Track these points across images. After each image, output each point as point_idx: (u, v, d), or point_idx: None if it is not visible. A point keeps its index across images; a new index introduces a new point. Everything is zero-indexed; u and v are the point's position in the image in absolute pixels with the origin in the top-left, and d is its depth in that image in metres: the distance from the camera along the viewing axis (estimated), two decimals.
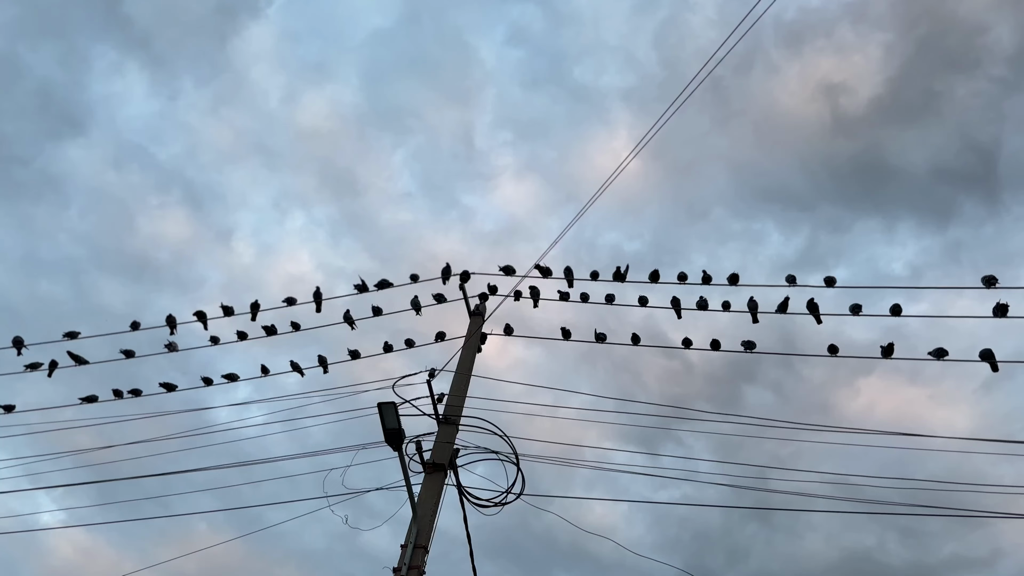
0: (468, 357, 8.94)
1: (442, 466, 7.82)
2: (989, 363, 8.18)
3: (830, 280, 8.93)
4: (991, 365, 8.18)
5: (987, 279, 8.29)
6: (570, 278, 9.72)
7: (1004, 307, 8.12)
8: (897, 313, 8.66)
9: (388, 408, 7.31)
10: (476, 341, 9.20)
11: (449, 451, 7.95)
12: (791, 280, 9.03)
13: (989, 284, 8.27)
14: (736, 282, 9.21)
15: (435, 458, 7.88)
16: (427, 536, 7.30)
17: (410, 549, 7.16)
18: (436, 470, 7.79)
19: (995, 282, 8.25)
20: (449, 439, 8.05)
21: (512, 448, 7.97)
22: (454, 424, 8.19)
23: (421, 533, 7.29)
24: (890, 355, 8.63)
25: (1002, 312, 8.13)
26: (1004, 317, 8.15)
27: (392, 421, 7.26)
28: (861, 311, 8.77)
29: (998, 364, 8.16)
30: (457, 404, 8.37)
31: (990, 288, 8.28)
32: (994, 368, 8.19)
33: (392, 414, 7.28)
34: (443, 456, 7.89)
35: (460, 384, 8.58)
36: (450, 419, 8.21)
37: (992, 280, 8.27)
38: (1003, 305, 8.12)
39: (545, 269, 9.77)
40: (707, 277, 9.30)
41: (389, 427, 7.25)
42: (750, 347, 9.20)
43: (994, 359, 8.17)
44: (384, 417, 7.27)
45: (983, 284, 8.31)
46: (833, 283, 8.91)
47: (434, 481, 7.73)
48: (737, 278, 9.21)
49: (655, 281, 9.50)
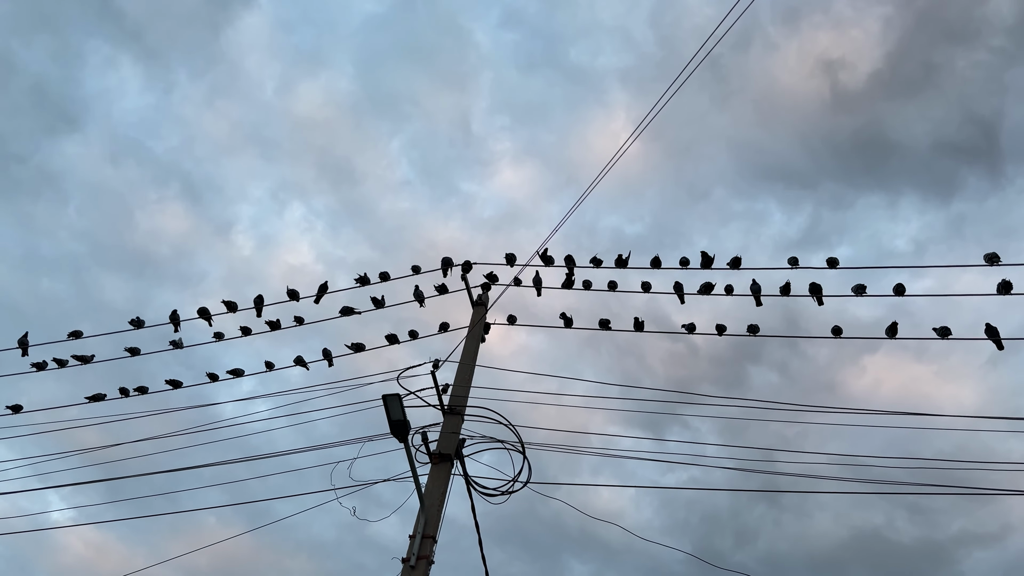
0: (472, 347, 8.94)
1: (448, 456, 7.84)
2: (994, 341, 8.16)
3: (832, 261, 8.88)
4: (996, 344, 8.16)
5: (990, 256, 8.25)
6: (571, 267, 9.67)
7: (1008, 284, 8.09)
8: (900, 293, 8.63)
9: (393, 400, 7.32)
10: (479, 331, 9.20)
11: (455, 441, 7.97)
12: (793, 262, 8.99)
13: (992, 262, 8.24)
14: (738, 266, 9.17)
15: (441, 448, 7.90)
16: (435, 526, 7.34)
17: (418, 539, 7.20)
18: (442, 460, 7.81)
19: (998, 260, 8.21)
20: (455, 429, 8.07)
21: (518, 436, 7.98)
22: (459, 414, 8.21)
23: (429, 523, 7.33)
24: (894, 335, 8.61)
25: (1006, 290, 8.09)
26: (1008, 294, 8.11)
27: (397, 413, 7.28)
28: (865, 291, 8.74)
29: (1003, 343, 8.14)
30: (462, 394, 8.38)
31: (993, 266, 8.24)
32: (999, 346, 8.17)
33: (397, 406, 7.29)
34: (449, 446, 7.92)
35: (464, 374, 8.60)
36: (455, 409, 8.23)
37: (995, 258, 8.23)
38: (1007, 283, 8.09)
39: (547, 257, 9.73)
40: (708, 260, 9.24)
41: (394, 419, 7.26)
42: (754, 331, 9.18)
43: (999, 337, 8.14)
44: (389, 409, 7.29)
45: (986, 262, 8.28)
46: (836, 264, 8.87)
47: (441, 471, 7.76)
48: (739, 261, 9.17)
49: (657, 267, 9.47)
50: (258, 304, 9.92)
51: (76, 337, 9.96)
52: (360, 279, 10.00)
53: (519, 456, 7.92)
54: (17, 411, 9.89)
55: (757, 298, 9.07)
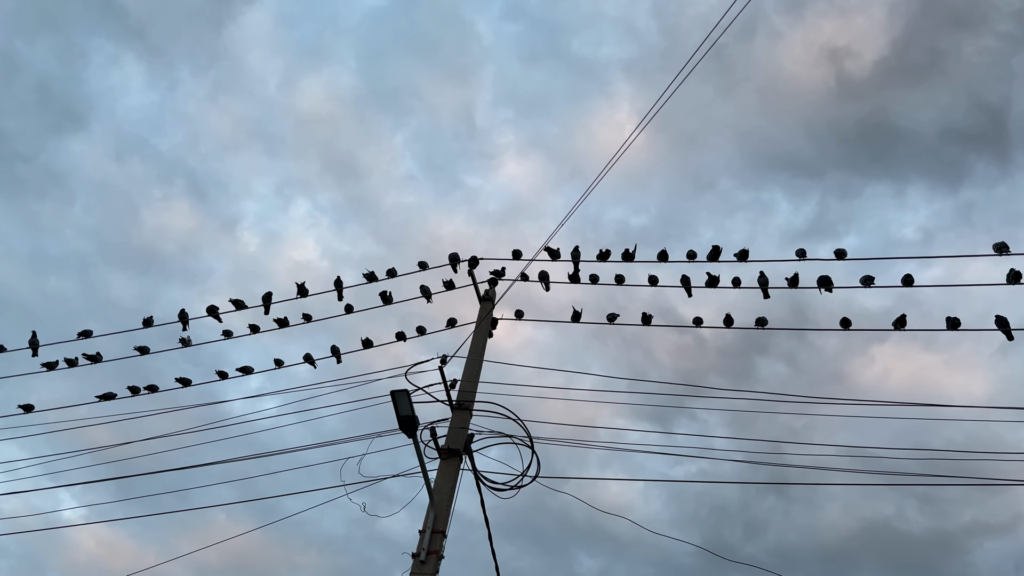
0: (479, 342, 8.94)
1: (457, 451, 7.86)
2: (1004, 332, 8.12)
3: (840, 252, 8.86)
4: (1006, 334, 8.12)
5: (998, 246, 8.21)
6: (576, 262, 9.65)
7: (1018, 274, 8.04)
8: (909, 284, 8.60)
9: (401, 396, 7.33)
10: (487, 327, 9.20)
11: (463, 436, 7.98)
12: (801, 254, 8.96)
13: (1001, 251, 8.19)
14: (745, 258, 9.15)
15: (450, 444, 7.92)
16: (444, 521, 7.36)
17: (428, 534, 7.22)
18: (451, 456, 7.83)
19: (1007, 250, 8.16)
20: (463, 424, 8.08)
21: (526, 431, 7.99)
22: (467, 409, 8.22)
23: (438, 518, 7.34)
24: (903, 326, 8.58)
25: (1015, 279, 8.05)
26: (1018, 284, 8.07)
27: (406, 408, 7.29)
28: (872, 283, 8.70)
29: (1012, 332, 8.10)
30: (470, 389, 8.39)
31: (1002, 255, 8.19)
32: (1009, 337, 8.13)
33: (405, 401, 7.31)
34: (458, 441, 7.93)
35: (472, 369, 8.60)
36: (463, 404, 8.24)
37: (1004, 247, 8.18)
38: (1016, 272, 8.04)
39: (553, 251, 9.72)
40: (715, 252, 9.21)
41: (403, 414, 7.28)
42: (762, 323, 9.17)
43: (1008, 327, 8.10)
44: (398, 405, 7.30)
45: (994, 251, 8.23)
46: (843, 255, 8.84)
47: (450, 467, 7.77)
48: (747, 254, 9.14)
49: (664, 260, 9.46)
50: (266, 301, 9.96)
51: (86, 336, 10.02)
52: (368, 276, 10.02)
53: (527, 450, 7.94)
54: (29, 411, 9.95)
55: (765, 291, 9.06)
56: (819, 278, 8.84)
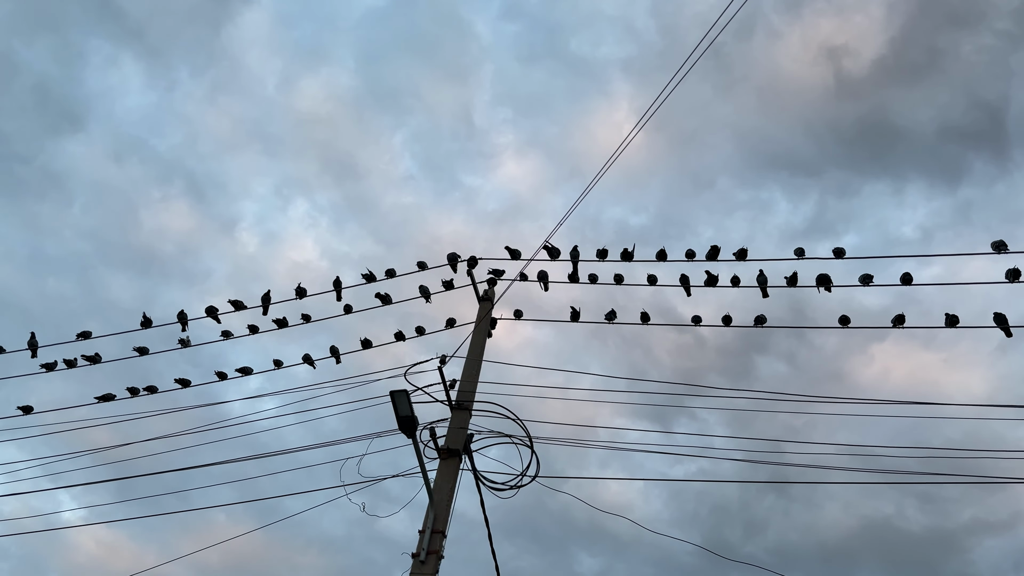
0: (478, 342, 8.94)
1: (457, 451, 7.85)
2: (1002, 328, 8.13)
3: (839, 251, 8.86)
4: (1005, 331, 8.13)
5: (997, 244, 8.22)
6: (575, 262, 9.65)
7: (1016, 272, 8.05)
8: (908, 282, 8.60)
9: (401, 396, 7.34)
10: (486, 326, 9.19)
11: (463, 436, 7.98)
12: (799, 253, 8.97)
13: (999, 250, 8.19)
14: (744, 257, 9.15)
15: (449, 444, 7.92)
16: (444, 521, 7.36)
17: (428, 534, 7.22)
18: (451, 456, 7.83)
19: (1005, 248, 8.17)
20: (462, 424, 8.08)
21: (526, 431, 8.00)
22: (467, 409, 8.21)
23: (438, 518, 7.34)
24: (902, 324, 8.59)
25: (1014, 277, 8.06)
26: (1016, 282, 8.08)
27: (405, 409, 7.30)
28: (872, 281, 8.71)
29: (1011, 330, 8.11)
30: (469, 389, 8.39)
31: (1000, 254, 8.20)
32: (1008, 334, 8.14)
33: (405, 402, 7.32)
34: (457, 441, 7.93)
35: (471, 369, 8.60)
36: (463, 404, 8.24)
37: (1002, 245, 8.19)
38: (1015, 270, 8.05)
39: (553, 250, 9.72)
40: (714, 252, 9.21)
41: (402, 415, 7.29)
42: (761, 322, 9.17)
43: (1007, 324, 8.11)
44: (397, 405, 7.31)
45: (993, 249, 8.24)
46: (842, 254, 8.85)
47: (449, 467, 7.77)
48: (745, 253, 9.15)
49: (662, 260, 9.46)
50: (265, 302, 9.95)
51: (85, 338, 10.01)
52: (367, 276, 10.01)
53: (527, 450, 7.95)
54: (28, 412, 9.95)
55: (764, 290, 9.06)
56: (818, 277, 8.85)
